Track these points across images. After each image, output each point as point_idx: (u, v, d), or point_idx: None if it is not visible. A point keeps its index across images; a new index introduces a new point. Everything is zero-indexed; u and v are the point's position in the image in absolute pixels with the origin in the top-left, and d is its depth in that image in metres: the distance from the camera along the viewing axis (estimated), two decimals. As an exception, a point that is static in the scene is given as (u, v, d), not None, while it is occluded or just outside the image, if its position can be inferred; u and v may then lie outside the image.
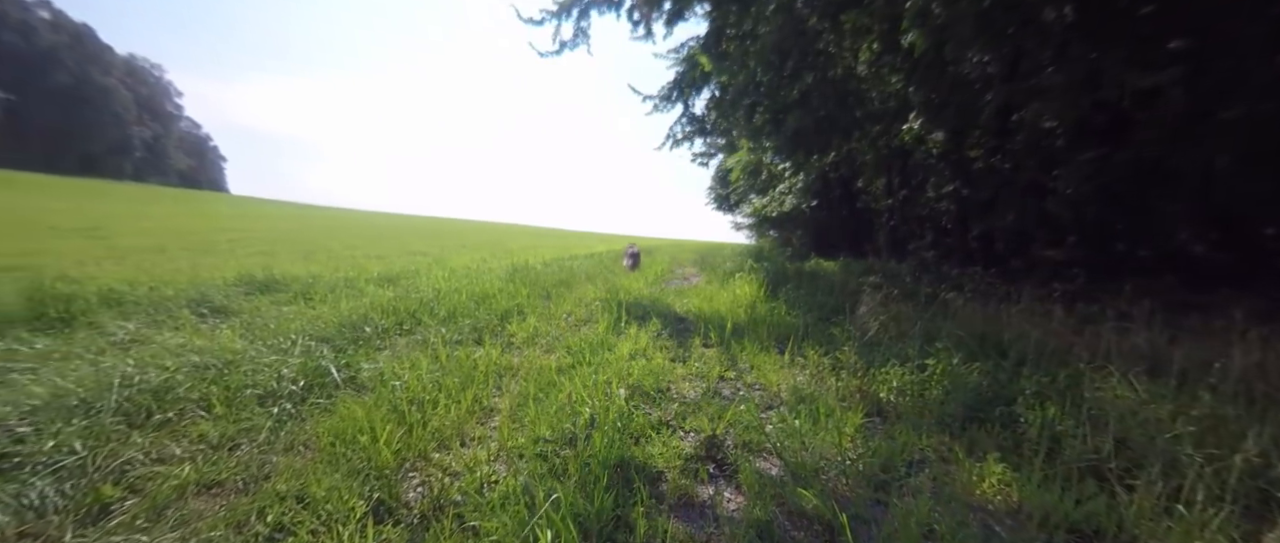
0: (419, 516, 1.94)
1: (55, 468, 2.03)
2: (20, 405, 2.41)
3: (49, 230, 11.69)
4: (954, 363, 3.65)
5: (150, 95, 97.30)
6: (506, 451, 2.46)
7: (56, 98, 71.82)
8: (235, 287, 5.88)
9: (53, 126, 71.41)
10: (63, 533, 1.74)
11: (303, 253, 11.65)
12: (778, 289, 7.44)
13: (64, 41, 75.14)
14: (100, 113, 78.86)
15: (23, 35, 69.21)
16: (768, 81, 7.88)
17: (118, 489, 2.00)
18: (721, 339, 4.60)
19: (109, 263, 7.57)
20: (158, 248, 10.28)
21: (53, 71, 71.71)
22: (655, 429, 2.72)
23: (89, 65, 78.37)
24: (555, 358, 3.99)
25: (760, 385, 3.69)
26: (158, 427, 2.51)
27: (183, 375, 3.01)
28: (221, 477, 2.17)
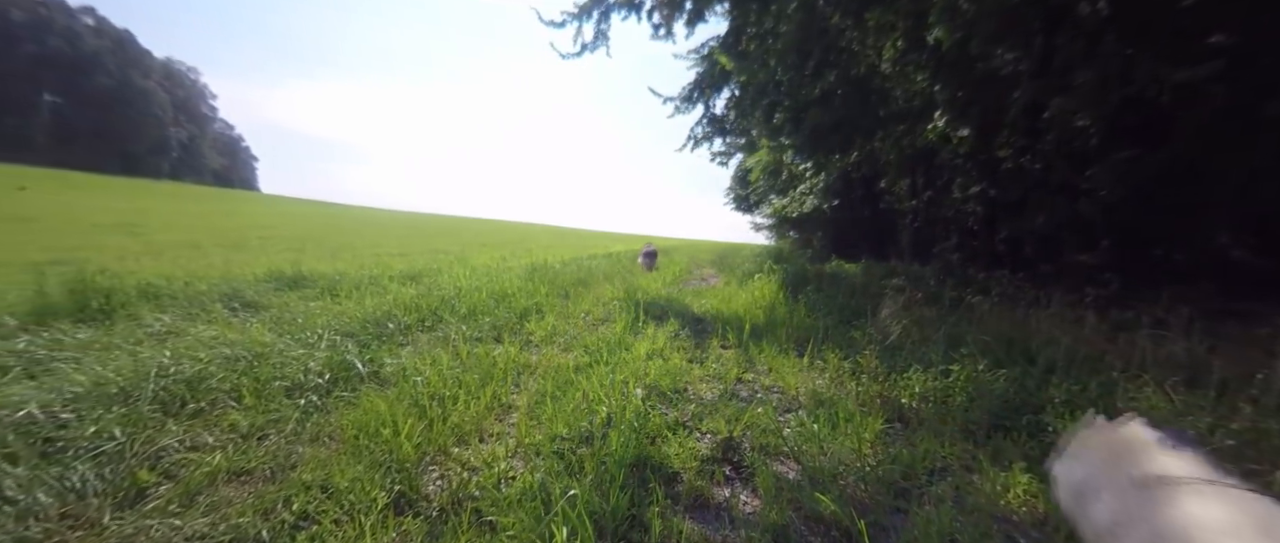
0: (438, 509, 1.98)
1: (95, 453, 2.13)
2: (63, 393, 2.52)
3: (92, 227, 12.23)
4: (979, 369, 3.56)
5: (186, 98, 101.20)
6: (524, 447, 2.48)
7: (99, 100, 75.34)
8: (265, 282, 6.05)
9: (95, 127, 74.88)
10: (101, 515, 1.82)
11: (330, 250, 11.95)
12: (797, 291, 7.36)
13: (106, 46, 78.73)
14: (140, 114, 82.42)
15: (68, 41, 72.71)
16: (788, 80, 7.79)
17: (153, 474, 2.09)
18: (740, 341, 4.58)
19: (147, 258, 7.88)
20: (192, 244, 10.67)
21: (96, 75, 75.24)
22: (672, 430, 2.72)
23: (129, 69, 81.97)
24: (573, 357, 4.02)
25: (779, 388, 3.66)
26: (192, 416, 2.61)
27: (215, 367, 3.11)
28: (250, 465, 2.24)
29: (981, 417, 2.95)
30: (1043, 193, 8.03)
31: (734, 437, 2.67)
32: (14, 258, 6.81)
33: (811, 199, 15.45)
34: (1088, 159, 7.34)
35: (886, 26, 7.49)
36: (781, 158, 13.60)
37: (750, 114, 8.71)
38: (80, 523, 1.78)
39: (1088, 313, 5.12)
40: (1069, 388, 3.21)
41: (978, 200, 9.93)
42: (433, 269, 8.50)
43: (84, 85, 73.48)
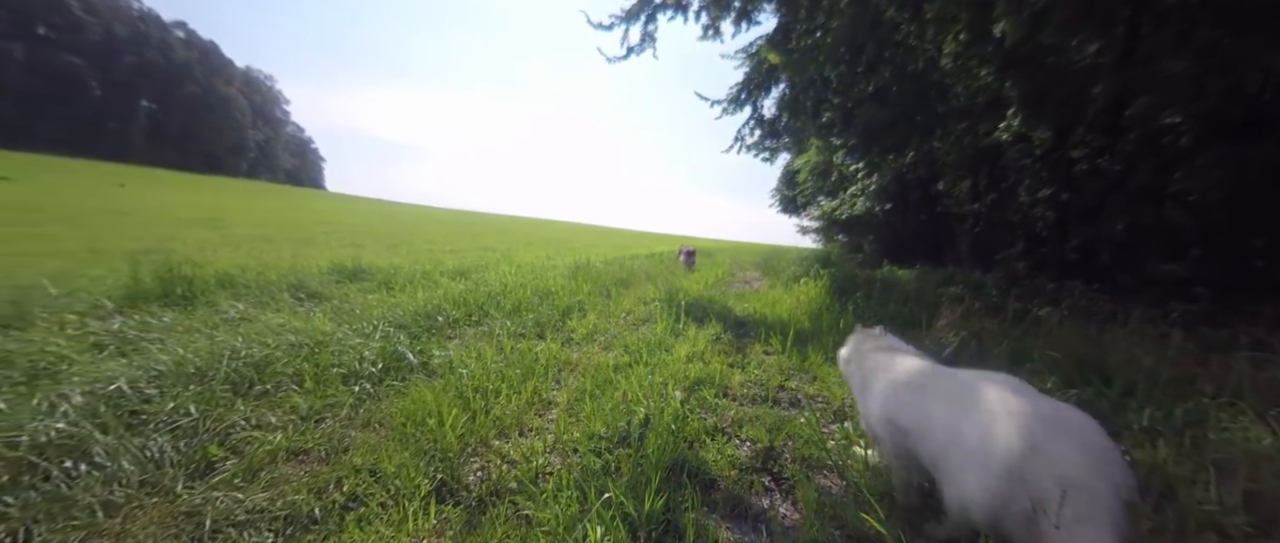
0: (477, 499, 2.02)
1: (173, 426, 2.31)
2: (149, 370, 2.75)
3: (179, 220, 13.39)
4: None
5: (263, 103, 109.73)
6: (562, 444, 2.50)
7: (187, 106, 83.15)
8: (328, 275, 6.42)
9: (184, 131, 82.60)
10: (175, 484, 1.97)
11: (387, 245, 12.58)
12: (846, 297, 7.09)
13: (195, 57, 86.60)
14: (222, 119, 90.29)
15: (162, 53, 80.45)
16: (838, 77, 7.50)
17: (222, 449, 2.24)
18: (783, 346, 4.44)
19: (226, 250, 8.54)
20: (265, 237, 11.49)
21: (185, 83, 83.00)
22: (710, 435, 2.67)
23: (214, 77, 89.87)
24: (613, 356, 4.03)
25: (823, 398, 3.53)
26: (258, 397, 2.79)
27: (281, 352, 3.32)
28: (308, 446, 2.37)
29: (1048, 439, 2.73)
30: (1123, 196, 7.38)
31: (775, 446, 2.59)
32: (113, 247, 7.53)
33: (863, 201, 14.87)
34: (1176, 159, 6.68)
35: (947, 19, 7.08)
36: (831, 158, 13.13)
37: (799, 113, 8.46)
38: (156, 490, 1.94)
39: (1173, 331, 4.64)
40: (1151, 414, 2.91)
41: (1048, 204, 9.25)
42: (481, 266, 8.77)
43: (175, 93, 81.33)
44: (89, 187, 22.92)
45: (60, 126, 64.68)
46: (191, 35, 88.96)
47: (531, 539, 1.78)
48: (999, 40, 6.39)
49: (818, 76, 7.51)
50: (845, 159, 12.41)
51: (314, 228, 15.76)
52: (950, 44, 7.51)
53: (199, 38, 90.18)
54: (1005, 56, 6.73)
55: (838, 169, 14.99)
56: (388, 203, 63.24)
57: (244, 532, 1.77)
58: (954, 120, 8.99)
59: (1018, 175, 10.45)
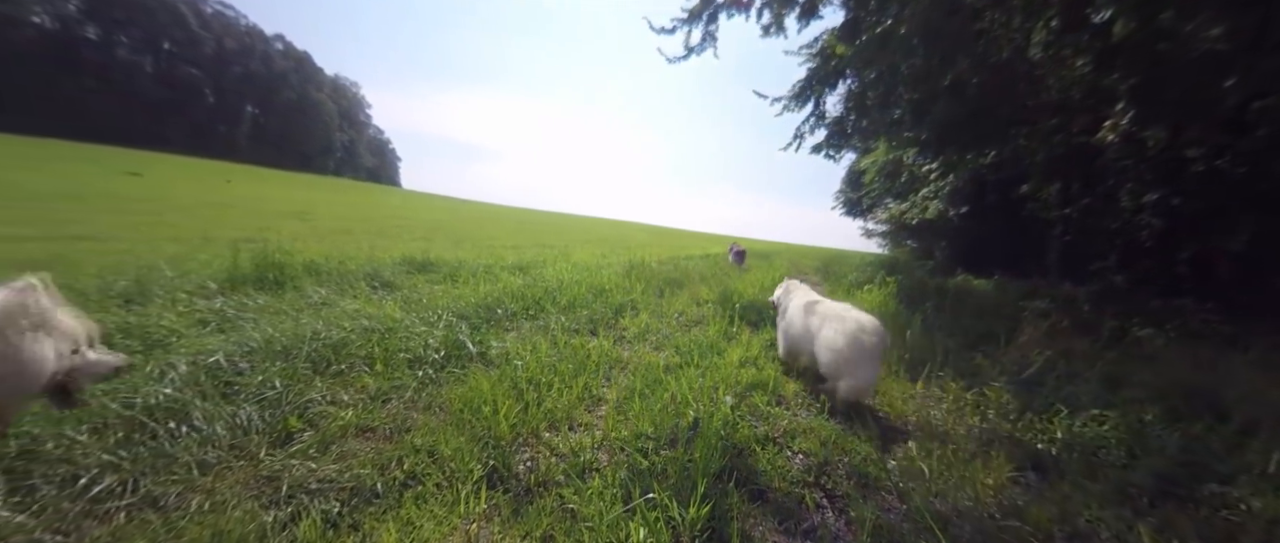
0: (525, 488, 2.07)
1: (260, 398, 2.53)
2: (243, 346, 3.03)
3: (274, 213, 14.73)
4: (1146, 420, 2.94)
5: (349, 107, 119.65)
6: (610, 441, 2.51)
7: (284, 110, 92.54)
8: (400, 266, 6.82)
9: (281, 132, 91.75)
10: (259, 450, 2.16)
11: (454, 240, 13.24)
12: (914, 307, 6.66)
13: (291, 66, 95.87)
14: (313, 122, 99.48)
15: (264, 63, 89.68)
16: (911, 69, 7.01)
17: (300, 422, 2.43)
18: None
19: (313, 240, 9.29)
20: (346, 230, 12.42)
21: (283, 90, 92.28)
22: (760, 443, 2.59)
23: (307, 84, 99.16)
24: (664, 356, 4.01)
25: (885, 414, 3.33)
26: (334, 375, 3.00)
27: (355, 336, 3.55)
28: (374, 424, 2.52)
29: (1145, 479, 2.43)
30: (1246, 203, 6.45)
31: (829, 461, 2.47)
32: (219, 235, 8.39)
33: (936, 204, 13.93)
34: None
35: (1037, 5, 6.44)
36: (901, 158, 12.37)
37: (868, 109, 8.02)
38: (242, 454, 2.13)
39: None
40: (1277, 456, 2.52)
41: (1154, 210, 8.26)
42: (539, 262, 9.02)
43: (274, 98, 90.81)
44: (202, 182, 25.75)
45: (181, 129, 73.60)
46: (288, 47, 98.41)
47: (575, 533, 1.80)
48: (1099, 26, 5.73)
49: (888, 69, 7.08)
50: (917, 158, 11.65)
51: (389, 222, 16.85)
52: (1041, 32, 6.81)
53: (295, 49, 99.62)
54: (1107, 45, 6.03)
55: (908, 169, 14.11)
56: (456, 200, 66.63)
57: (315, 499, 1.91)
58: (1043, 115, 8.17)
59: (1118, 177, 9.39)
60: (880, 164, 13.24)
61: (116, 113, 63.68)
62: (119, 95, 65.81)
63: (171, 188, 19.28)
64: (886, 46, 6.54)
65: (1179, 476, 2.46)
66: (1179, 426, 2.92)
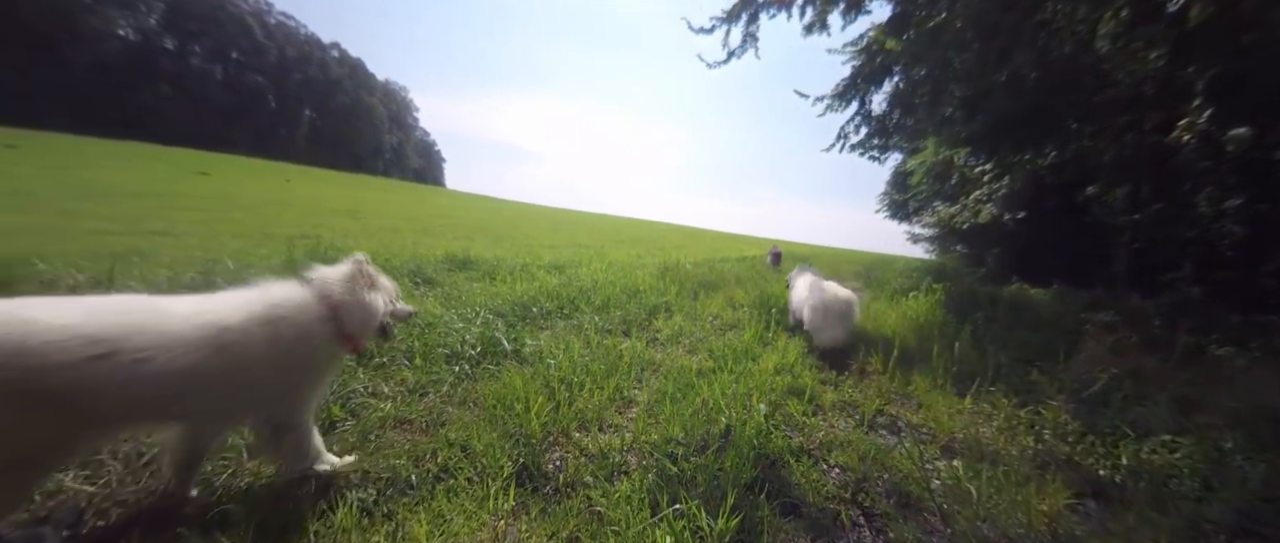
0: (553, 488, 2.07)
1: (307, 390, 2.64)
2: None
3: (328, 211, 15.50)
4: (1225, 448, 2.67)
5: (398, 111, 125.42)
6: (639, 443, 2.49)
7: (338, 114, 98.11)
8: (441, 263, 7.02)
9: (336, 135, 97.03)
10: (306, 439, 2.25)
11: (494, 238, 13.57)
12: (964, 316, 6.33)
13: (346, 73, 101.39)
14: (365, 125, 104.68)
15: (321, 69, 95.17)
16: (964, 63, 6.63)
17: (343, 412, 2.52)
18: (885, 366, 4.07)
19: (362, 237, 9.71)
20: (393, 228, 12.92)
21: (338, 95, 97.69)
22: (794, 455, 2.50)
23: (360, 89, 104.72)
24: (697, 359, 3.96)
25: (929, 429, 3.16)
26: (376, 368, 3.11)
27: (397, 331, 3.67)
28: (411, 417, 2.59)
29: (1224, 514, 2.19)
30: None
31: (867, 477, 2.36)
32: (277, 231, 8.88)
33: (989, 208, 13.19)
34: None
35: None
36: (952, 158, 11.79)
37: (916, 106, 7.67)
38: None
39: None
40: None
41: (1235, 217, 7.55)
42: (575, 262, 9.11)
43: (330, 103, 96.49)
44: (264, 181, 27.40)
45: (246, 132, 79.06)
46: (344, 54, 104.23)
47: (601, 537, 1.78)
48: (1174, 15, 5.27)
49: (939, 65, 6.74)
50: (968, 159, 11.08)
51: (434, 221, 17.44)
52: (1108, 23, 6.31)
53: (349, 56, 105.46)
54: (1183, 33, 5.51)
55: (959, 171, 13.43)
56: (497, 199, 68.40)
57: (354, 488, 1.97)
58: (1112, 112, 7.60)
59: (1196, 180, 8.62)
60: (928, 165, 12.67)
61: (189, 117, 69.11)
62: (191, 101, 71.40)
63: (237, 187, 20.62)
64: (938, 41, 6.24)
65: (1263, 512, 2.22)
66: (1264, 456, 2.63)
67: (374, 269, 1.97)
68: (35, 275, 4.05)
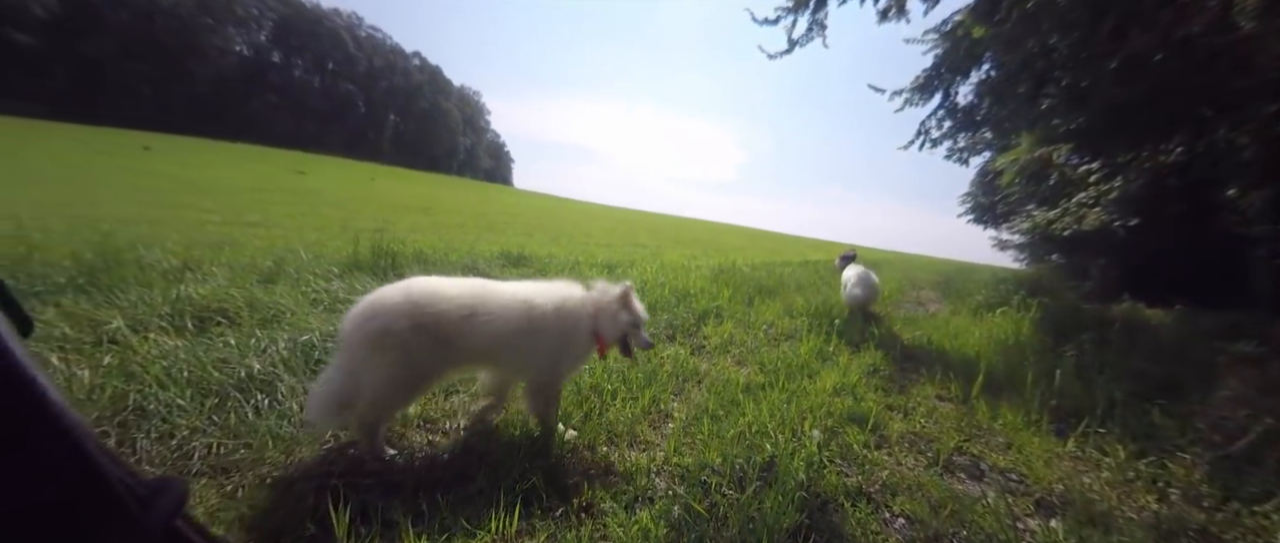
0: (567, 511, 1.86)
1: (339, 381, 2.61)
2: (335, 329, 3.19)
3: (402, 208, 16.39)
4: None
5: (471, 114, 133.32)
6: (670, 467, 2.24)
7: (418, 118, 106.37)
8: (497, 258, 7.11)
9: (416, 137, 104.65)
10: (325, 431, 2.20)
11: (551, 235, 13.77)
12: (1064, 339, 5.48)
13: (425, 79, 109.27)
14: (442, 128, 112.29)
15: (404, 77, 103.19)
16: (1070, 47, 5.72)
17: (370, 410, 2.46)
18: (965, 394, 3.54)
19: (431, 233, 10.12)
20: (460, 224, 13.44)
21: (418, 100, 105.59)
22: (850, 497, 2.13)
23: (438, 95, 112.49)
24: (746, 372, 3.63)
25: (1019, 476, 2.64)
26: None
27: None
28: (436, 417, 2.49)
29: None
30: None
31: (941, 533, 1.95)
32: (355, 225, 9.41)
33: (1096, 212, 11.55)
34: None
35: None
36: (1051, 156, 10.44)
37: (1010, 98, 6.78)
38: (313, 433, 2.17)
39: None
40: None
41: None
42: (628, 261, 8.97)
43: (411, 107, 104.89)
44: (352, 180, 29.65)
45: (338, 135, 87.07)
46: (424, 62, 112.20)
47: (613, 579, 1.55)
48: None
49: (1039, 50, 5.88)
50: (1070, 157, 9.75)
51: (498, 218, 18.02)
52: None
53: (429, 63, 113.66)
54: None
55: (1059, 170, 11.85)
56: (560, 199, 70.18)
57: (361, 492, 1.88)
58: (1259, 100, 6.32)
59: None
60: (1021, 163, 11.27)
61: (291, 122, 77.35)
62: (293, 108, 79.58)
63: (327, 185, 22.41)
64: (1037, 22, 5.45)
65: None
66: None
67: (635, 298, 2.32)
68: (136, 260, 4.41)
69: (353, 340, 1.87)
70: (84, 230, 5.41)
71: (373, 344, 1.83)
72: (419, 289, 1.96)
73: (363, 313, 1.89)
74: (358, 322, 1.87)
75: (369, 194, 20.40)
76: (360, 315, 1.89)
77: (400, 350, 1.83)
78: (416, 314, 1.87)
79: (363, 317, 1.88)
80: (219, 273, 4.45)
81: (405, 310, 1.87)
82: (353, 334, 1.87)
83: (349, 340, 1.89)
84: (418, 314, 1.87)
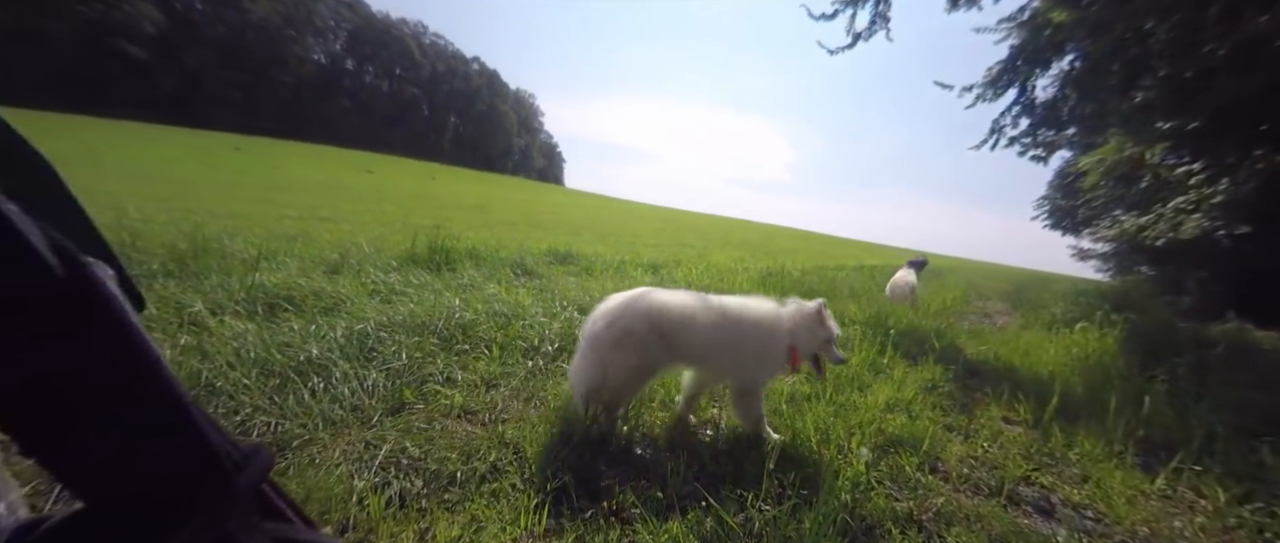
0: (596, 512, 1.83)
1: (387, 367, 2.71)
2: (389, 319, 3.34)
3: (458, 205, 17.07)
4: None
5: (526, 116, 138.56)
6: (706, 473, 2.16)
7: (477, 120, 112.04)
8: (544, 256, 7.22)
9: (474, 139, 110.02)
10: (372, 416, 2.30)
11: (599, 235, 13.91)
12: (1154, 361, 4.92)
13: (484, 83, 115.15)
14: (498, 129, 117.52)
15: (464, 81, 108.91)
16: (1170, 32, 5.07)
17: (414, 395, 2.54)
18: (1035, 417, 3.23)
19: (484, 229, 10.46)
20: (511, 222, 13.83)
21: (476, 103, 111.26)
22: (899, 525, 1.97)
23: (495, 97, 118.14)
24: (791, 382, 3.49)
25: (1096, 514, 2.37)
26: (456, 354, 3.14)
27: (485, 318, 3.72)
28: (476, 408, 2.54)
29: None
30: None
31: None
32: (415, 222, 9.87)
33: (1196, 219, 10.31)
34: None
35: None
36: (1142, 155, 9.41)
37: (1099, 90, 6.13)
38: (359, 416, 2.28)
39: None
40: None
41: None
42: (674, 261, 8.90)
43: (470, 110, 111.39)
44: (414, 179, 31.23)
45: (403, 137, 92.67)
46: (482, 66, 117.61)
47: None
48: None
49: (1132, 35, 5.27)
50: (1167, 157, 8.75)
51: (548, 217, 18.41)
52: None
53: (487, 67, 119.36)
54: None
55: (1153, 171, 10.66)
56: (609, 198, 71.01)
57: (404, 473, 1.94)
58: None
59: None
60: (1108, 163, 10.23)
61: (361, 124, 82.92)
62: (363, 111, 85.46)
63: (392, 183, 23.71)
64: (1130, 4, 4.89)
65: None
66: None
67: (829, 316, 2.48)
68: (220, 249, 4.80)
69: (603, 340, 2.20)
70: (179, 222, 5.95)
71: (617, 343, 2.18)
72: (653, 299, 2.29)
73: (609, 317, 2.23)
74: (605, 324, 2.22)
75: (429, 192, 21.41)
76: (607, 318, 2.23)
77: (639, 348, 2.19)
78: (650, 319, 2.22)
79: (609, 320, 2.22)
80: (290, 263, 4.76)
81: (643, 316, 2.22)
82: (603, 334, 2.20)
83: (598, 339, 2.21)
84: (651, 319, 2.22)
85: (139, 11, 52.42)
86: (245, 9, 65.13)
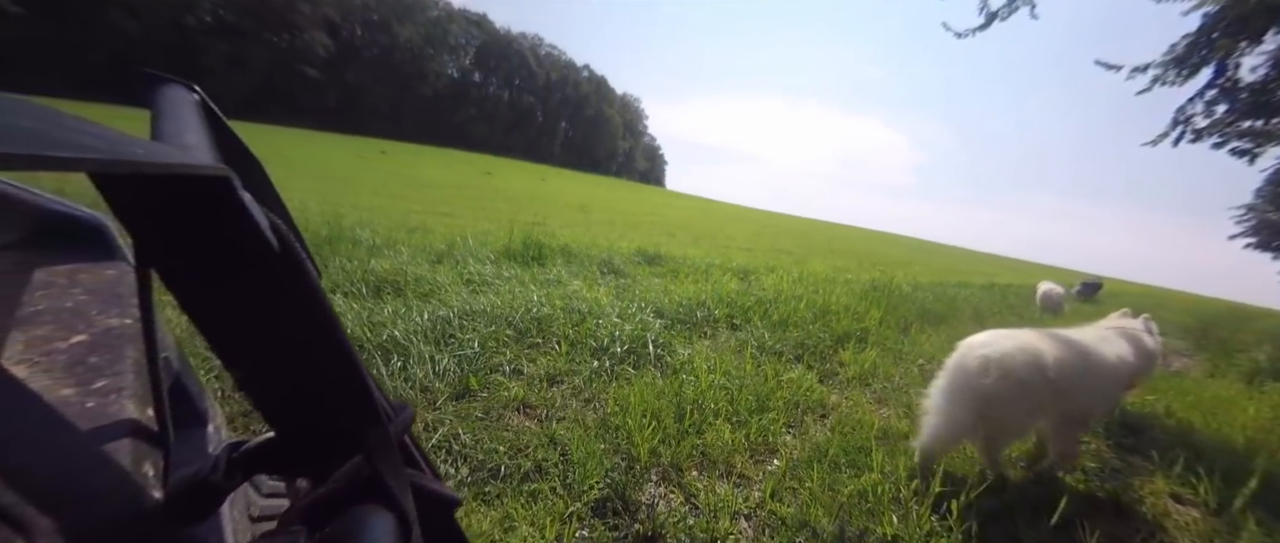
0: (633, 534, 1.68)
1: (459, 355, 2.80)
2: (468, 308, 3.48)
3: (562, 205, 17.89)
4: None
5: (631, 119, 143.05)
6: (762, 515, 1.91)
7: (585, 125, 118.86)
8: (633, 256, 7.22)
9: (582, 142, 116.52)
10: (437, 398, 2.38)
11: (692, 236, 13.74)
12: None
13: (593, 89, 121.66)
14: (604, 133, 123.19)
15: (574, 88, 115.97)
16: None
17: (479, 383, 2.59)
18: (1221, 500, 2.49)
19: (580, 228, 10.80)
20: (609, 221, 14.18)
21: (585, 109, 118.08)
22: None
23: (603, 103, 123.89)
24: (886, 415, 3.05)
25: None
26: (527, 346, 3.19)
27: (561, 314, 3.75)
28: (534, 403, 2.52)
29: None
30: None
31: None
32: (519, 219, 10.47)
33: None
34: None
35: None
36: None
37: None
38: (427, 398, 2.37)
39: None
40: None
41: None
42: (768, 268, 8.43)
43: (579, 115, 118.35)
44: (527, 180, 33.43)
45: (520, 141, 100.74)
46: (592, 73, 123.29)
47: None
48: None
49: None
50: None
51: (645, 217, 18.64)
52: None
53: (596, 74, 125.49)
54: None
55: None
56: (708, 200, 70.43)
57: (454, 458, 1.96)
58: None
59: None
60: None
61: (485, 131, 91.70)
62: (487, 119, 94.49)
63: (507, 183, 25.61)
64: None
65: None
66: None
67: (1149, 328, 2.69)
68: (353, 237, 5.38)
69: (996, 391, 2.16)
70: (327, 213, 6.82)
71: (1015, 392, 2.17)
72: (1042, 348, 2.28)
73: (1000, 366, 2.17)
74: (999, 374, 2.17)
75: (538, 192, 22.76)
76: (999, 368, 2.17)
77: (1031, 397, 2.19)
78: (1042, 369, 2.21)
79: (1001, 370, 2.17)
80: (404, 251, 5.22)
81: (1034, 365, 2.21)
82: (999, 384, 2.16)
83: (986, 390, 2.16)
84: (1043, 369, 2.21)
85: (314, 39, 62.94)
86: (394, 32, 75.63)
